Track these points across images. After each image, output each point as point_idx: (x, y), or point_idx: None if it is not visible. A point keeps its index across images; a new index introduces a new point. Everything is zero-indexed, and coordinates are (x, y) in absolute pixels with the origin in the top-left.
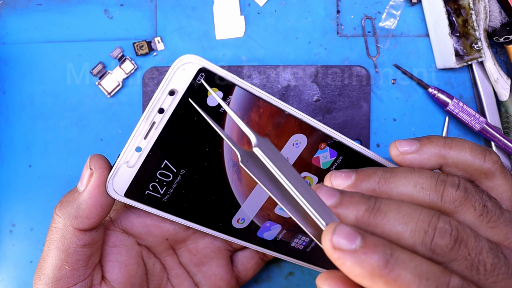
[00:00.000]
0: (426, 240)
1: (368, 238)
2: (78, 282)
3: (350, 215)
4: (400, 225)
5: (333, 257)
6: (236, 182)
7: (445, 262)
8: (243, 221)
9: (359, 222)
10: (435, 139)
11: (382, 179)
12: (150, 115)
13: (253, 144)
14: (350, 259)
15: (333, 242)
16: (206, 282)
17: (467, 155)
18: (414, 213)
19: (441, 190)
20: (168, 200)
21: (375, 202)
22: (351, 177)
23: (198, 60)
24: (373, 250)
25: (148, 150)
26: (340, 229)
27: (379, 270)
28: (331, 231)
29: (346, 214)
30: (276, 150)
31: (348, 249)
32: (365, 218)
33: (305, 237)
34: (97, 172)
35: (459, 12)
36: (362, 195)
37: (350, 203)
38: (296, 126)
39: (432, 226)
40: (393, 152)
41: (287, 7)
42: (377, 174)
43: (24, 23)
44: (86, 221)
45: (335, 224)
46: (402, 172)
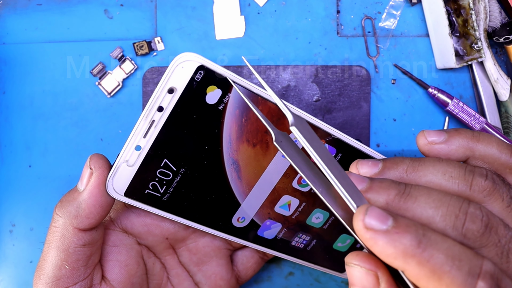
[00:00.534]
0: (457, 224)
1: (400, 219)
2: (78, 281)
3: (380, 199)
4: (431, 209)
5: (365, 237)
6: (236, 180)
7: (475, 247)
8: (243, 220)
9: (390, 206)
10: (463, 131)
11: (410, 167)
12: (149, 113)
13: (290, 123)
14: (383, 238)
15: (365, 222)
16: (206, 281)
17: (494, 149)
18: (445, 198)
19: (470, 179)
20: (168, 199)
21: (405, 187)
22: (378, 165)
23: (197, 58)
24: (406, 230)
25: (147, 149)
26: (372, 210)
27: (411, 250)
28: (363, 212)
29: (376, 198)
30: (312, 131)
31: (380, 229)
32: (396, 202)
33: (305, 235)
34: (97, 171)
35: (459, 12)
36: (392, 181)
37: (380, 187)
38: None
39: (463, 211)
40: (421, 141)
41: (287, 7)
42: (405, 163)
43: (24, 23)
44: (86, 220)
45: (367, 206)
46: (430, 161)
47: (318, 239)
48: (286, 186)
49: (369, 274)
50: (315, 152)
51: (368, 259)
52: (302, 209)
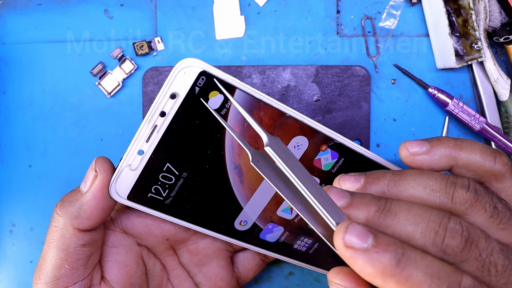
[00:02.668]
0: (437, 241)
1: (380, 237)
2: (77, 281)
3: (360, 216)
4: (410, 226)
5: (344, 256)
6: (238, 184)
7: (456, 262)
8: (245, 223)
9: (370, 223)
10: (445, 140)
11: (392, 181)
12: (151, 118)
13: (265, 143)
14: (362, 257)
15: (345, 240)
16: (206, 282)
17: (478, 156)
18: (425, 214)
19: (451, 192)
20: (170, 202)
21: (385, 203)
22: (360, 180)
23: (199, 63)
24: (385, 249)
25: (150, 153)
26: (353, 227)
27: (390, 269)
28: (343, 230)
29: (357, 214)
30: (287, 150)
31: (360, 247)
32: (376, 218)
33: (308, 238)
34: (101, 174)
35: (459, 12)
36: (373, 196)
37: (360, 204)
38: (297, 128)
39: (443, 226)
40: (403, 153)
41: (287, 7)
42: (386, 177)
43: (24, 23)
44: (87, 222)
45: (347, 223)
46: (411, 175)
47: (320, 242)
48: None
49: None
50: (291, 171)
51: (349, 277)
52: None
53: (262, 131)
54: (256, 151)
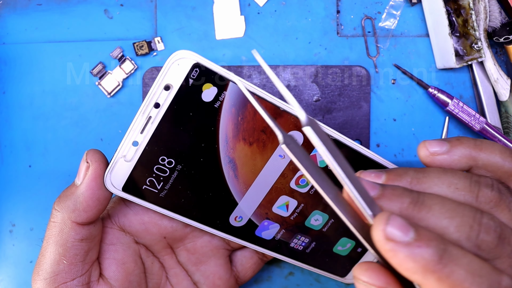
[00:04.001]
0: (471, 236)
1: (421, 231)
2: (75, 277)
3: (394, 208)
4: (445, 219)
5: (384, 248)
6: (233, 179)
7: (489, 258)
8: (240, 219)
9: (403, 215)
10: (465, 141)
11: (415, 179)
12: (146, 109)
13: (303, 123)
14: (404, 251)
15: (386, 232)
16: (204, 281)
17: (497, 157)
18: (458, 208)
19: (476, 190)
20: (165, 195)
21: (418, 195)
22: (381, 177)
23: (193, 55)
24: (427, 243)
25: (144, 145)
26: (394, 219)
27: (432, 265)
28: (384, 221)
29: (390, 206)
30: (324, 132)
31: (402, 240)
32: (410, 211)
33: (304, 237)
34: (93, 165)
35: (459, 12)
36: (405, 188)
37: (393, 195)
38: (292, 123)
39: (477, 221)
40: (423, 153)
41: (287, 7)
42: (408, 174)
43: (24, 23)
44: (84, 214)
45: (388, 214)
46: (435, 172)
47: (317, 241)
48: (284, 186)
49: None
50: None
51: (378, 275)
52: (300, 210)
53: (301, 109)
54: (286, 134)
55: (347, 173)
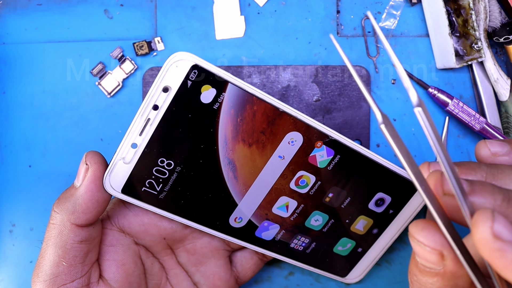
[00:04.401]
0: None
1: None
2: (75, 279)
3: (486, 204)
4: None
5: (490, 247)
6: (232, 180)
7: None
8: (240, 220)
9: None
10: None
11: (489, 174)
12: (144, 111)
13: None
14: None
15: (494, 230)
16: (204, 281)
17: None
18: None
19: None
20: (164, 197)
21: (508, 192)
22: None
23: (191, 57)
24: None
25: (143, 147)
26: (499, 217)
27: None
28: (490, 218)
29: (482, 202)
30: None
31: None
32: (504, 208)
33: (304, 237)
34: (92, 167)
35: (459, 12)
36: (494, 185)
37: (484, 191)
38: (291, 124)
39: None
40: (484, 153)
41: (287, 7)
42: (482, 169)
43: (24, 23)
44: (83, 216)
45: (492, 211)
46: (509, 169)
47: (317, 241)
48: (284, 187)
49: (434, 253)
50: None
51: (433, 236)
52: (300, 211)
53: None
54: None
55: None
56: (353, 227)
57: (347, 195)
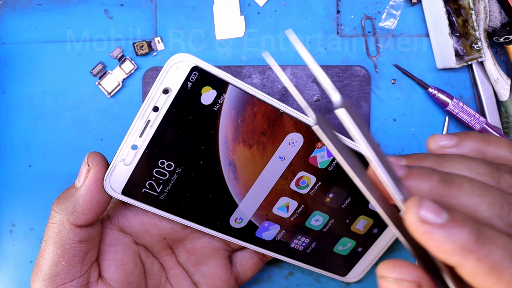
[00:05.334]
0: (503, 214)
1: (454, 213)
2: (74, 278)
3: (423, 186)
4: (476, 198)
5: (419, 231)
6: (233, 181)
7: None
8: (240, 220)
9: (433, 193)
10: (473, 134)
11: (436, 163)
12: (145, 113)
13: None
14: (440, 232)
15: (420, 214)
16: (204, 281)
17: (505, 151)
18: (487, 188)
19: (497, 176)
20: (165, 198)
21: (446, 174)
22: (401, 161)
23: (191, 58)
24: (463, 223)
25: (144, 148)
26: (426, 202)
27: (470, 245)
28: (416, 204)
29: (419, 185)
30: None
31: (437, 222)
32: (440, 189)
33: (305, 237)
34: (94, 168)
35: (459, 12)
36: (431, 168)
37: (421, 173)
38: (292, 124)
39: (506, 200)
40: (432, 146)
41: (287, 7)
42: (429, 159)
43: (24, 23)
44: (83, 216)
45: (419, 197)
46: (456, 158)
47: (317, 242)
48: (284, 187)
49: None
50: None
51: (408, 269)
52: (301, 211)
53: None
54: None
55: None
56: (354, 227)
57: (348, 195)
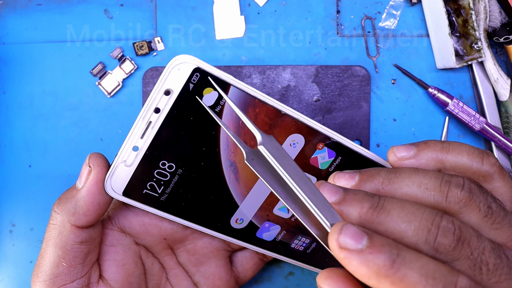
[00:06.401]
0: (429, 239)
1: (374, 238)
2: (75, 279)
3: (353, 212)
4: (403, 223)
5: (339, 257)
6: (234, 182)
7: (448, 261)
8: (241, 221)
9: (363, 220)
10: (432, 144)
11: (386, 179)
12: (146, 114)
13: (258, 142)
14: (357, 259)
15: (339, 241)
16: (205, 282)
17: (465, 158)
18: (418, 212)
19: (445, 190)
20: (166, 199)
21: (378, 200)
22: (354, 178)
23: (193, 60)
24: (380, 250)
25: (145, 150)
26: (347, 228)
27: (385, 270)
28: (337, 231)
29: (350, 211)
30: (281, 148)
31: (355, 248)
32: (369, 215)
33: (305, 238)
34: (95, 169)
35: (459, 12)
36: (366, 193)
37: (353, 200)
38: (293, 126)
39: (435, 224)
40: (391, 158)
41: (287, 7)
42: (380, 175)
43: (24, 23)
44: (83, 218)
45: (342, 224)
46: (406, 173)
47: (317, 242)
48: None
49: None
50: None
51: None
52: None
53: (256, 129)
54: (251, 149)
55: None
56: None
57: None
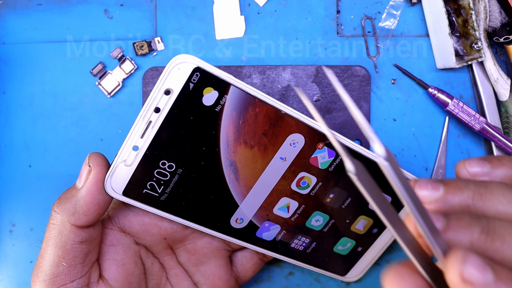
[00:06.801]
0: None
1: (499, 270)
2: (75, 279)
3: (463, 240)
4: None
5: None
6: (234, 181)
7: None
8: (241, 221)
9: (475, 248)
10: (506, 161)
11: (477, 194)
12: (146, 114)
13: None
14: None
15: (464, 273)
16: (205, 281)
17: None
18: None
19: None
20: (166, 199)
21: (487, 223)
22: (439, 189)
23: (193, 59)
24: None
25: (145, 149)
26: (471, 258)
27: None
28: (461, 261)
29: (459, 239)
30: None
31: (481, 282)
32: (481, 242)
33: (304, 237)
34: (95, 169)
35: (459, 12)
36: (471, 216)
37: (460, 226)
38: (293, 125)
39: None
40: (463, 174)
41: (287, 7)
42: (469, 188)
43: (24, 23)
44: (83, 217)
45: (464, 253)
46: (499, 189)
47: (318, 242)
48: (285, 188)
49: None
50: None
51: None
52: (301, 212)
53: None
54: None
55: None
56: (353, 227)
57: (348, 196)
